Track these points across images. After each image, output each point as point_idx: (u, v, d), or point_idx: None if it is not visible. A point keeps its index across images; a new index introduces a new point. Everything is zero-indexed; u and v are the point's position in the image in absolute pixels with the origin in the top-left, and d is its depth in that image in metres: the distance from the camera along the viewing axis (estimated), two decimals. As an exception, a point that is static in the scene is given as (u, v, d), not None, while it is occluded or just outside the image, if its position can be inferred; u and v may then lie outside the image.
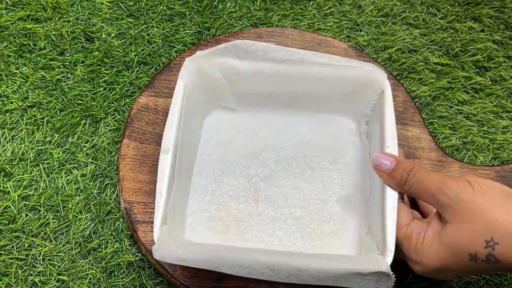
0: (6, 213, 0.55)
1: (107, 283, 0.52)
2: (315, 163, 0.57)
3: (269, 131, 0.58)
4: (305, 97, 0.57)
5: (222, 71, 0.56)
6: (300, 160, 0.57)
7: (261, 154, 0.57)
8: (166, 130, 0.51)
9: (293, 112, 0.59)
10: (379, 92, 0.54)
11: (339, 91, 0.56)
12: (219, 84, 0.57)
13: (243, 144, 0.57)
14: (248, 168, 0.56)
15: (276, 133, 0.58)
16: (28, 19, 0.66)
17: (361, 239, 0.52)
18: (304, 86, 0.56)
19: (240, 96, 0.58)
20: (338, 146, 0.57)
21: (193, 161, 0.56)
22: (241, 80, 0.56)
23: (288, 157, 0.57)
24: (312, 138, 0.58)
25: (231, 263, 0.44)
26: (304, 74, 0.55)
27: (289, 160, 0.57)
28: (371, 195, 0.52)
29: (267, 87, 0.57)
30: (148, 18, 0.66)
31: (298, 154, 0.57)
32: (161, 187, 0.49)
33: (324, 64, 0.54)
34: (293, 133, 0.58)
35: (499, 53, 0.65)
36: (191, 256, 0.45)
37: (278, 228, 0.53)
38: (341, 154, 0.57)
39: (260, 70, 0.55)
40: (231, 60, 0.55)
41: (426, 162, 0.56)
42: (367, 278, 0.44)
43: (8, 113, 0.60)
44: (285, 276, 0.44)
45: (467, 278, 0.52)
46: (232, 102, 0.58)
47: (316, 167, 0.56)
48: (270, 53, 0.55)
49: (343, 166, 0.56)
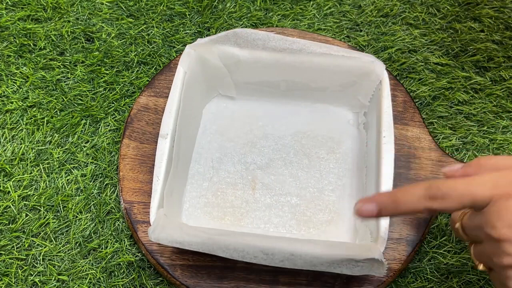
0: (6, 213, 0.55)
1: (107, 283, 0.52)
2: (312, 152, 0.57)
3: (267, 120, 0.59)
4: (304, 87, 0.58)
5: (222, 59, 0.56)
6: (297, 149, 0.57)
7: (259, 143, 0.58)
8: (165, 116, 0.52)
9: (292, 102, 0.59)
10: (377, 83, 0.54)
11: (338, 82, 0.57)
12: (219, 72, 0.57)
13: (241, 132, 0.58)
14: (246, 156, 0.57)
15: (274, 122, 0.59)
16: (28, 19, 0.66)
17: (355, 227, 0.53)
18: (303, 76, 0.57)
19: (240, 85, 0.59)
20: (336, 136, 0.58)
21: (192, 148, 0.57)
22: (241, 68, 0.57)
23: (286, 146, 0.58)
24: (310, 127, 0.59)
25: (226, 246, 0.45)
26: (303, 63, 0.56)
27: (287, 149, 0.57)
28: (366, 184, 0.54)
29: (266, 76, 0.57)
30: (148, 18, 0.66)
31: (296, 143, 0.58)
32: (159, 171, 0.50)
33: (324, 54, 0.55)
34: (292, 123, 0.59)
35: (499, 53, 0.65)
36: (187, 239, 0.45)
37: (274, 215, 0.54)
38: (338, 144, 0.58)
39: (260, 58, 0.56)
40: (231, 48, 0.56)
41: (426, 162, 0.56)
42: (359, 264, 0.45)
43: (8, 113, 0.60)
44: (278, 261, 0.45)
45: (467, 278, 0.53)
46: (232, 91, 0.59)
47: (313, 156, 0.57)
48: (269, 41, 0.56)
49: (340, 156, 0.57)
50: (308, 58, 0.55)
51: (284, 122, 0.59)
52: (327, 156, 0.57)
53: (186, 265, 0.51)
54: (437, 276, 0.53)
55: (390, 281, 0.51)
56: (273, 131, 0.58)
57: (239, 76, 0.58)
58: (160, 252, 0.51)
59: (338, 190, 0.55)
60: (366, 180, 0.54)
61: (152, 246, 0.51)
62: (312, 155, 0.57)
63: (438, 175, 0.55)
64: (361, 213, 0.43)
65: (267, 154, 0.57)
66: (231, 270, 0.51)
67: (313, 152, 0.57)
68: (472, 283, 0.53)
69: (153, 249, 0.51)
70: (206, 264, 0.51)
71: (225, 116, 0.59)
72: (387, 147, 0.51)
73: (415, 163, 0.56)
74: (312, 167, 0.56)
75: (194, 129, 0.58)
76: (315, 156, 0.57)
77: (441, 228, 0.55)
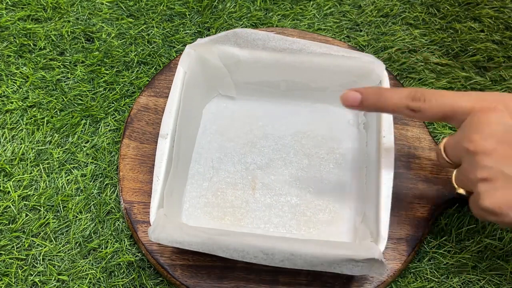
0: (6, 213, 0.55)
1: (107, 283, 0.52)
2: (312, 152, 0.57)
3: (267, 120, 0.59)
4: (304, 87, 0.58)
5: (222, 59, 0.56)
6: (297, 149, 0.57)
7: (259, 143, 0.58)
8: (165, 116, 0.52)
9: (292, 102, 0.59)
10: (377, 83, 0.54)
11: (338, 82, 0.57)
12: (219, 72, 0.57)
13: (241, 132, 0.58)
14: (246, 156, 0.57)
15: (274, 122, 0.59)
16: (28, 19, 0.66)
17: (355, 227, 0.53)
18: (303, 76, 0.57)
19: (240, 85, 0.59)
20: (336, 136, 0.58)
21: (192, 148, 0.57)
22: (241, 68, 0.57)
23: (286, 146, 0.58)
24: (310, 127, 0.59)
25: (226, 246, 0.45)
26: (303, 63, 0.56)
27: (287, 149, 0.57)
28: (366, 184, 0.54)
29: (266, 76, 0.57)
30: (148, 18, 0.66)
31: (296, 143, 0.58)
32: (159, 171, 0.50)
33: (324, 54, 0.55)
34: (292, 123, 0.59)
35: (499, 53, 0.65)
36: (187, 239, 0.45)
37: (274, 215, 0.54)
38: (338, 144, 0.58)
39: (259, 58, 0.56)
40: (231, 48, 0.56)
41: (426, 162, 0.56)
42: (359, 264, 0.45)
43: (8, 113, 0.60)
44: (278, 261, 0.45)
45: (467, 278, 0.53)
46: (232, 91, 0.59)
47: (313, 156, 0.57)
48: (269, 41, 0.56)
49: (340, 156, 0.57)
50: (308, 58, 0.55)
51: (284, 122, 0.59)
52: (327, 156, 0.57)
53: (186, 265, 0.51)
54: (437, 276, 0.53)
55: (390, 281, 0.51)
56: (273, 131, 0.58)
57: (239, 76, 0.58)
58: (160, 252, 0.51)
59: (338, 190, 0.55)
60: (366, 180, 0.54)
61: (152, 246, 0.51)
62: (312, 155, 0.57)
63: (438, 175, 0.55)
64: (345, 100, 0.45)
65: (267, 154, 0.57)
66: (231, 270, 0.51)
67: (313, 152, 0.57)
68: (472, 283, 0.53)
69: (153, 249, 0.51)
70: (206, 264, 0.51)
71: (225, 116, 0.59)
72: (387, 147, 0.51)
73: (415, 163, 0.56)
74: (312, 167, 0.56)
75: (194, 129, 0.58)
76: (315, 156, 0.57)
77: (441, 228, 0.55)
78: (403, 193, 0.54)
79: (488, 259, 0.53)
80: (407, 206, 0.54)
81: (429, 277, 0.53)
